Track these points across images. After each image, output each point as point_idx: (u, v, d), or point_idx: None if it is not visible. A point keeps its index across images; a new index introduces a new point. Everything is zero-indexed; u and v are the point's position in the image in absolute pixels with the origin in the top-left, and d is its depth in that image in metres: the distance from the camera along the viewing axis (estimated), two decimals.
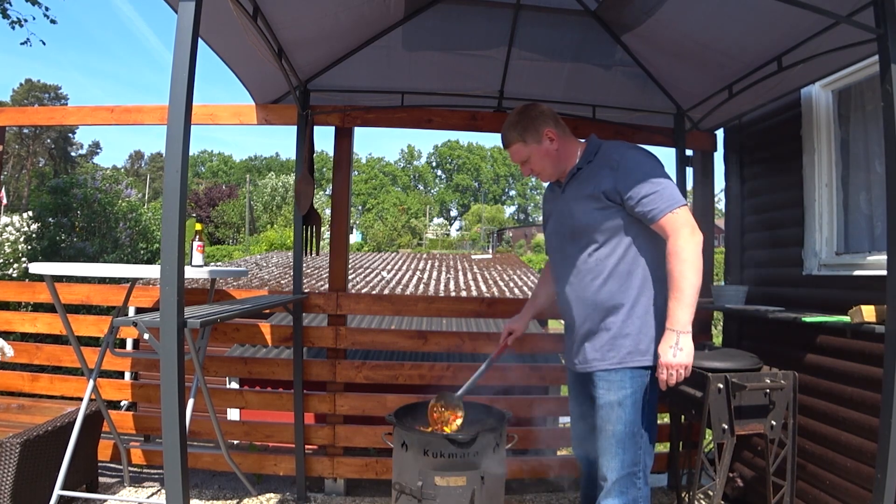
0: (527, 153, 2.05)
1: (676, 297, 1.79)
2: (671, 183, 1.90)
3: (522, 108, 2.08)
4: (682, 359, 1.78)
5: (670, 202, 1.83)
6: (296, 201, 3.12)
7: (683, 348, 1.78)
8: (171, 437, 1.55)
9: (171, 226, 1.54)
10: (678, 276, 1.79)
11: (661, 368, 1.81)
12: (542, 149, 2.04)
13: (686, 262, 1.78)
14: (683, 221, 1.82)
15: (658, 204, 1.83)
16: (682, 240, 1.80)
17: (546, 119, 2.04)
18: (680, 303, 1.78)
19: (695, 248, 1.80)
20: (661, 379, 1.83)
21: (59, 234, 7.06)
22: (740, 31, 2.45)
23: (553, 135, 2.03)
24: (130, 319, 1.73)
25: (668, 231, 1.83)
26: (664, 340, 1.81)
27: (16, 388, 3.38)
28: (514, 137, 2.06)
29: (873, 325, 2.15)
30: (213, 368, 3.32)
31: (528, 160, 2.07)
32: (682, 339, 1.78)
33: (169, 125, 1.55)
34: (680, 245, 1.80)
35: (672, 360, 1.79)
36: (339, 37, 2.80)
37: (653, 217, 1.85)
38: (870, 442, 2.29)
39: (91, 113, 3.41)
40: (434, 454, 2.15)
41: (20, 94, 40.95)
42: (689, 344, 1.79)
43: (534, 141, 2.03)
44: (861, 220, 2.68)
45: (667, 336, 1.81)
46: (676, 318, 1.79)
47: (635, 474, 1.95)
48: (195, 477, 3.43)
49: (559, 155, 2.06)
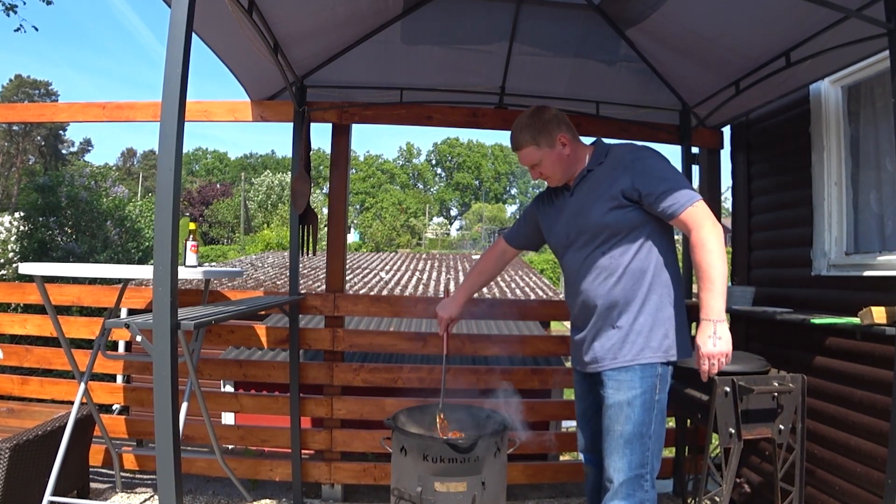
0: (539, 157, 2.04)
1: (708, 287, 1.81)
2: (685, 179, 1.94)
3: (535, 111, 2.07)
4: (722, 347, 1.79)
5: (689, 197, 1.86)
6: (292, 200, 3.09)
7: (722, 337, 1.79)
8: (164, 442, 1.54)
9: (164, 225, 1.52)
10: (708, 267, 1.81)
11: (702, 359, 1.81)
12: (555, 153, 2.03)
13: (713, 252, 1.80)
14: (705, 214, 1.85)
15: (678, 199, 1.85)
16: (705, 231, 1.82)
17: (559, 123, 2.04)
18: (712, 292, 1.80)
19: (718, 239, 1.83)
20: (702, 370, 1.82)
21: (47, 233, 7.00)
22: (747, 25, 2.42)
23: (566, 140, 2.03)
24: (123, 321, 1.73)
25: (690, 225, 1.85)
26: (701, 331, 1.82)
27: (5, 392, 3.33)
28: (526, 140, 2.04)
29: (884, 327, 2.14)
30: (208, 371, 3.28)
31: (538, 164, 2.06)
32: (719, 327, 1.79)
33: (162, 122, 1.53)
34: (704, 236, 1.82)
35: (713, 350, 1.79)
36: (336, 31, 2.77)
37: (674, 212, 1.87)
38: (880, 447, 2.26)
39: (82, 109, 3.36)
40: (434, 459, 2.12)
41: (9, 91, 40.68)
42: (727, 332, 1.80)
43: (547, 145, 2.02)
44: (871, 219, 2.65)
45: (704, 326, 1.81)
46: (711, 307, 1.80)
47: (643, 476, 1.93)
48: (189, 482, 3.38)
49: (570, 160, 2.05)
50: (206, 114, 3.25)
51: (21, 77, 41.45)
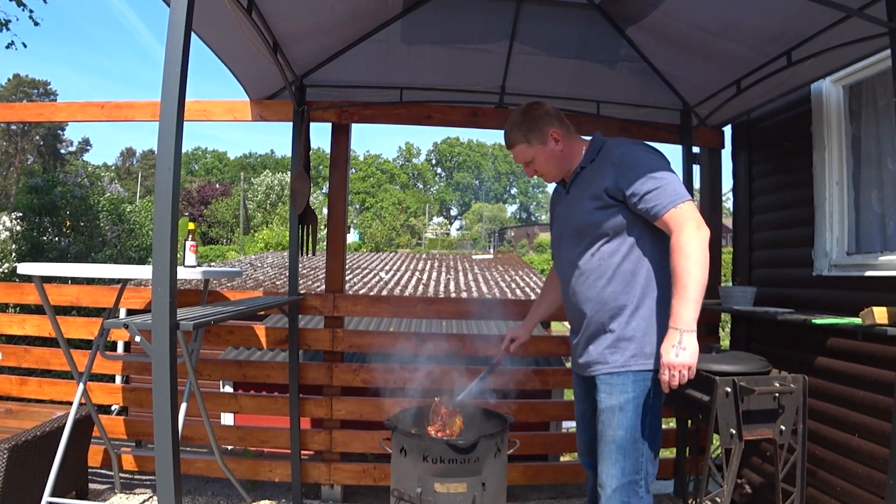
0: (531, 154, 2.01)
1: (680, 293, 1.73)
2: (675, 177, 1.84)
3: (526, 108, 2.03)
4: (684, 359, 1.71)
5: (674, 197, 1.78)
6: (291, 200, 3.09)
7: (686, 348, 1.71)
8: (163, 443, 1.54)
9: (163, 225, 1.51)
10: (681, 272, 1.73)
11: (662, 369, 1.75)
12: (547, 150, 2.00)
13: (689, 257, 1.72)
14: (688, 216, 1.76)
15: (661, 199, 1.79)
16: (685, 234, 1.74)
17: (551, 119, 1.99)
18: (683, 300, 1.72)
19: (699, 243, 1.73)
20: (662, 380, 1.76)
21: (43, 234, 6.99)
22: (749, 24, 2.40)
23: (558, 135, 1.99)
24: (121, 321, 1.72)
25: (671, 227, 1.78)
26: (666, 339, 1.75)
27: (4, 392, 3.33)
28: (517, 138, 2.01)
29: (885, 328, 2.12)
30: (207, 372, 3.28)
31: (532, 161, 2.03)
32: (685, 337, 1.71)
33: (161, 121, 1.53)
34: (683, 240, 1.74)
35: (674, 360, 1.72)
36: (335, 30, 2.76)
37: (656, 213, 1.80)
38: (882, 447, 2.25)
39: (81, 109, 3.35)
40: (434, 460, 2.11)
41: (8, 90, 40.59)
42: (694, 343, 1.72)
43: (538, 142, 1.99)
44: (873, 219, 2.64)
45: (669, 335, 1.74)
46: (679, 315, 1.72)
47: (636, 482, 1.89)
48: (188, 483, 3.37)
49: (564, 155, 2.02)
50: (205, 113, 3.24)
51: (19, 76, 41.36)
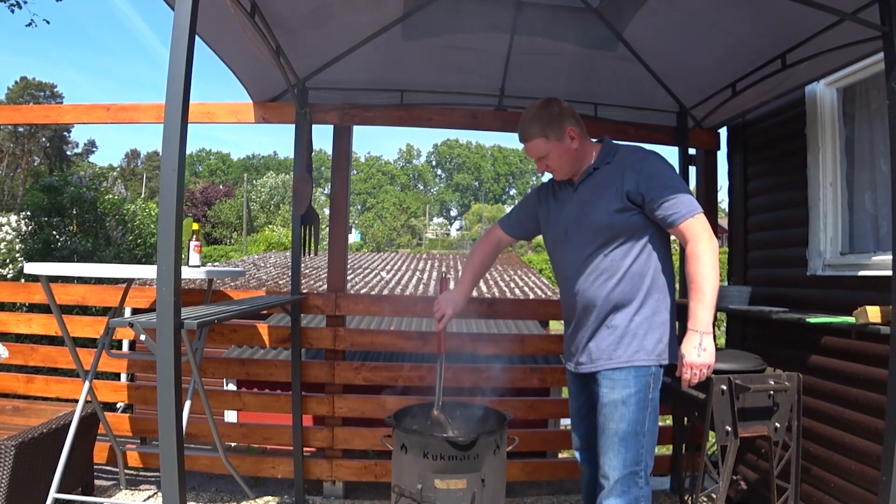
0: (547, 149, 2.03)
1: (699, 298, 1.84)
2: (688, 189, 1.96)
3: (545, 102, 2.06)
4: (705, 359, 1.84)
5: (690, 208, 1.89)
6: (294, 200, 3.10)
7: (707, 348, 1.83)
8: (167, 440, 1.54)
9: (168, 225, 1.53)
10: (700, 279, 1.84)
11: (685, 368, 1.86)
12: (563, 146, 2.02)
13: (707, 265, 1.84)
14: (703, 227, 1.88)
15: (680, 209, 1.89)
16: (702, 244, 1.86)
17: (569, 117, 2.03)
18: (702, 304, 1.84)
19: (713, 253, 1.87)
20: (683, 378, 1.87)
21: (52, 234, 7.02)
22: (744, 27, 2.42)
23: (575, 133, 2.03)
24: (127, 320, 1.72)
25: (688, 236, 1.88)
26: (687, 341, 1.86)
27: (10, 390, 3.35)
28: (535, 132, 2.03)
29: (878, 327, 2.14)
30: (211, 370, 3.30)
31: (546, 156, 2.05)
32: (705, 339, 1.84)
33: (166, 123, 1.54)
34: (700, 249, 1.85)
35: (696, 360, 1.84)
36: (337, 34, 2.77)
37: (673, 221, 1.90)
38: (875, 444, 2.27)
39: (87, 111, 3.38)
40: (434, 457, 2.12)
41: (15, 93, 40.64)
42: (712, 344, 1.85)
43: (556, 138, 2.01)
44: (866, 219, 2.66)
45: (690, 336, 1.85)
46: (699, 318, 1.84)
47: (637, 473, 1.96)
48: (192, 480, 3.39)
49: (577, 154, 2.05)
50: (209, 115, 3.26)
51: (27, 79, 41.38)
